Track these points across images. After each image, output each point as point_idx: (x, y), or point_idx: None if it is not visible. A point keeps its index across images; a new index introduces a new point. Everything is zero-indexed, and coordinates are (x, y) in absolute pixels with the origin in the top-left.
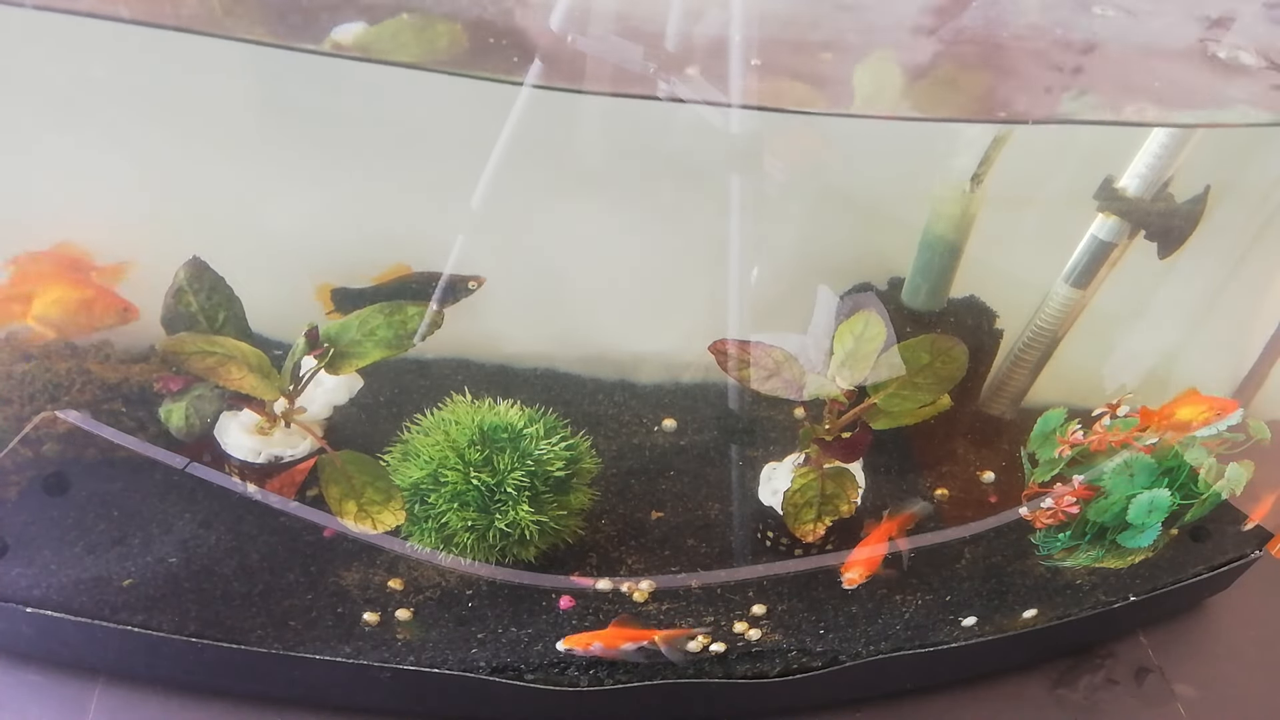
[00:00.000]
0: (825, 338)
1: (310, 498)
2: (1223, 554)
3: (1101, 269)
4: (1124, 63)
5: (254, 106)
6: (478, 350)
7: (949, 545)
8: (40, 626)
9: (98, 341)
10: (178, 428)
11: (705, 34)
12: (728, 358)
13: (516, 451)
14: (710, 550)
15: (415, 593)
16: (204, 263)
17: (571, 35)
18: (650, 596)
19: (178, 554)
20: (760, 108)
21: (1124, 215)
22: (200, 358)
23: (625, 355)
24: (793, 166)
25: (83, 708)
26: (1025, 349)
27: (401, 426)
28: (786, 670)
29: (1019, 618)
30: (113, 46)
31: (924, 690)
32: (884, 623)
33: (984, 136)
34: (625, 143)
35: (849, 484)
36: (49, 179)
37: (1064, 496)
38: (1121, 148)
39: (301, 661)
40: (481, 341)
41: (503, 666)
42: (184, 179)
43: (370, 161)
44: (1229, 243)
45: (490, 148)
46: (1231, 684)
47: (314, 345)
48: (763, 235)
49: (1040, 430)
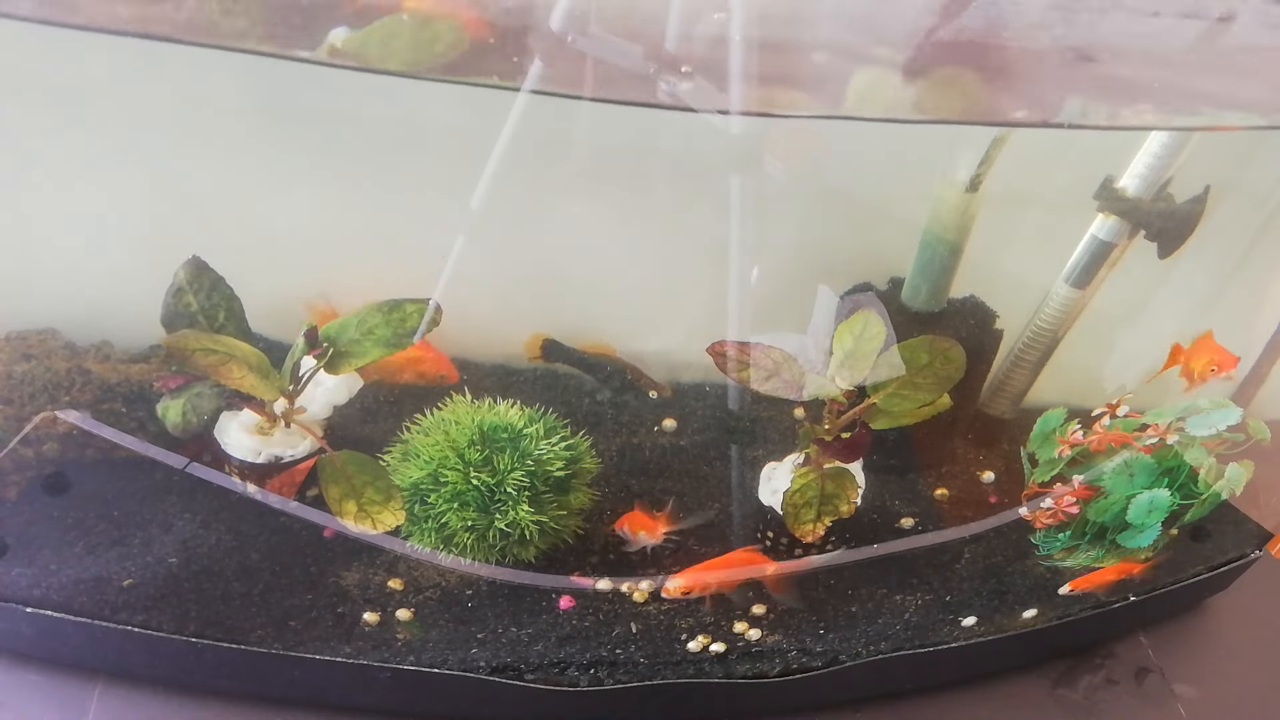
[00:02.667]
0: (825, 338)
1: (310, 498)
2: (1223, 554)
3: (1101, 269)
4: (1124, 63)
5: (255, 106)
6: (478, 350)
7: (949, 545)
8: (40, 626)
9: (97, 342)
10: (174, 424)
11: (704, 34)
12: (727, 359)
13: (516, 451)
14: (710, 550)
15: (415, 593)
16: (204, 262)
17: (571, 35)
18: (650, 596)
19: (178, 554)
20: (760, 113)
21: (1124, 215)
22: (203, 355)
23: (625, 355)
24: (792, 166)
25: (83, 708)
26: (1025, 349)
27: (401, 426)
28: (786, 670)
29: (1019, 618)
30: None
31: (924, 690)
32: (884, 623)
33: (984, 137)
34: (625, 143)
35: (849, 484)
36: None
37: (1064, 496)
38: (1121, 148)
39: (301, 661)
40: (481, 341)
41: (503, 666)
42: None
43: (371, 161)
44: (1229, 243)
45: (490, 148)
46: (1231, 684)
47: (313, 345)
48: (763, 235)
49: (1040, 430)
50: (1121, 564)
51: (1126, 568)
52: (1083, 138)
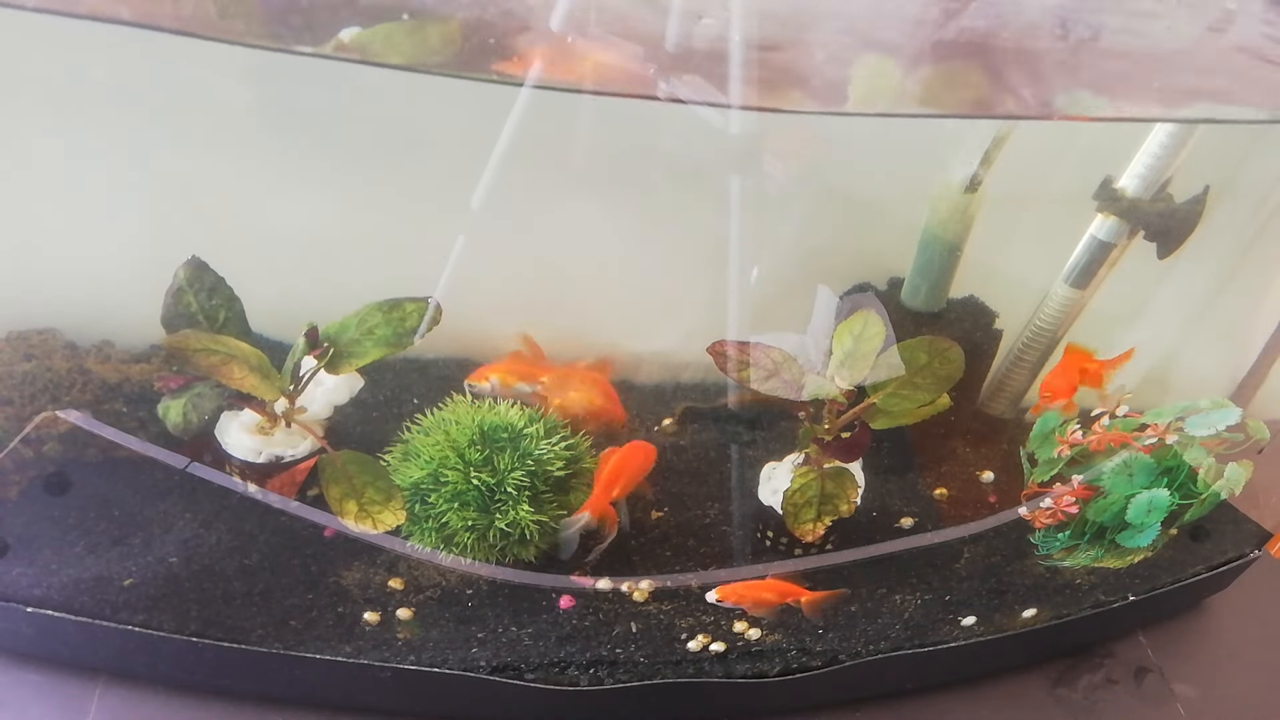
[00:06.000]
0: (825, 338)
1: (311, 497)
2: (1222, 554)
3: (1101, 269)
4: (1124, 62)
5: (257, 107)
6: (478, 350)
7: (949, 545)
8: (41, 626)
9: (98, 342)
10: (175, 424)
11: (704, 34)
12: (727, 359)
13: (516, 451)
14: (710, 550)
15: (416, 592)
16: (204, 262)
17: (571, 35)
18: (650, 596)
19: (178, 554)
20: (760, 108)
21: (1123, 215)
22: (204, 355)
23: (625, 355)
24: (792, 166)
25: (83, 708)
26: (1025, 349)
27: (402, 426)
28: (786, 670)
29: (1018, 617)
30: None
31: (924, 690)
32: (884, 622)
33: (984, 137)
34: (625, 143)
35: (849, 484)
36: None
37: (1063, 496)
38: (1121, 148)
39: (302, 661)
40: (482, 341)
41: (503, 666)
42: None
43: (370, 162)
44: (1229, 243)
45: (490, 148)
46: (1231, 684)
47: (314, 345)
48: (762, 235)
49: (1040, 430)
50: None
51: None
52: (1082, 138)
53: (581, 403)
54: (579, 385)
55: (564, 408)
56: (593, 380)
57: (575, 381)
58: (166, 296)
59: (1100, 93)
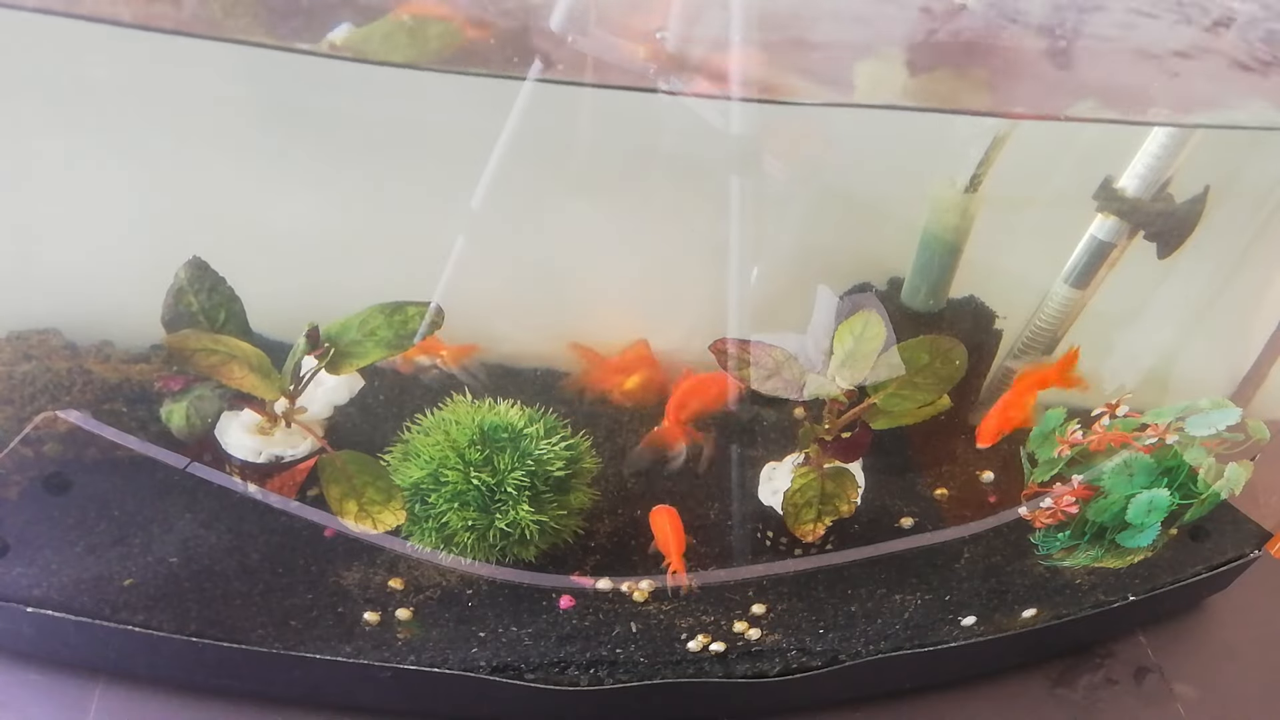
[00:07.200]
0: (825, 338)
1: (311, 497)
2: (1222, 554)
3: (1101, 269)
4: (1125, 62)
5: (258, 106)
6: (477, 350)
7: (949, 545)
8: (41, 626)
9: (98, 342)
10: (179, 428)
11: (704, 34)
12: (727, 357)
13: (516, 451)
14: (710, 550)
15: (416, 592)
16: (204, 262)
17: (571, 36)
18: (650, 596)
19: (178, 554)
20: (760, 100)
21: (1123, 215)
22: (204, 355)
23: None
24: (792, 166)
25: (83, 708)
26: (1025, 349)
27: (402, 426)
28: (786, 670)
29: (1018, 617)
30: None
31: (924, 690)
32: (884, 622)
33: (983, 136)
34: (625, 143)
35: (849, 484)
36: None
37: (1063, 496)
38: (1121, 148)
39: (302, 661)
40: (481, 341)
41: (503, 666)
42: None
43: (371, 161)
44: (1229, 243)
45: (490, 148)
46: (1231, 684)
47: (314, 345)
48: (762, 235)
49: (1040, 430)
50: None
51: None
52: (1082, 138)
53: (642, 384)
54: (636, 368)
55: (630, 393)
56: (643, 359)
57: (631, 367)
58: (167, 296)
59: (1100, 93)
